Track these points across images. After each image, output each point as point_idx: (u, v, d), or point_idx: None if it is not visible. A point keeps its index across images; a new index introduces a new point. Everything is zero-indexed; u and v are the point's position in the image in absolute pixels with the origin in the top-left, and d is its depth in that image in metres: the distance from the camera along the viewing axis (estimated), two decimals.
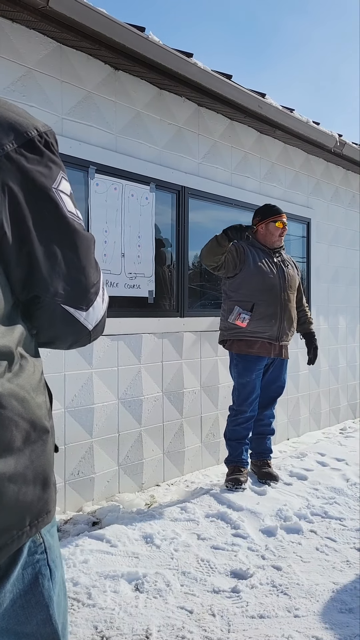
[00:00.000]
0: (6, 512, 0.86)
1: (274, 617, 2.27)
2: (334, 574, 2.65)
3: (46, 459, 0.95)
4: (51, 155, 0.94)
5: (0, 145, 0.86)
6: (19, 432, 0.88)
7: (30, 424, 0.91)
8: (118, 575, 2.51)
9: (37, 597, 0.96)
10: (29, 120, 0.93)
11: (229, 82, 3.88)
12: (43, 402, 0.96)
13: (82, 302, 0.99)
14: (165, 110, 3.96)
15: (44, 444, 0.94)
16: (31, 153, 0.90)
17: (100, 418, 3.52)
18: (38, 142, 0.91)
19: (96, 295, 1.01)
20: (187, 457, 4.19)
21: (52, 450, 0.98)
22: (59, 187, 0.94)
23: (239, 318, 3.58)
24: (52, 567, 0.99)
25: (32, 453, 0.91)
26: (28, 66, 3.08)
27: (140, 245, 3.77)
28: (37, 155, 0.91)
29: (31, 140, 0.90)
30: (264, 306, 3.60)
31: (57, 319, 0.98)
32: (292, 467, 4.10)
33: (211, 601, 2.38)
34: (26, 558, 0.94)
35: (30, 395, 0.91)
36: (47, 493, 0.94)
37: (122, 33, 3.11)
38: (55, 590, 1.00)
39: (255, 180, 4.87)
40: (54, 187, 0.93)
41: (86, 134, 3.40)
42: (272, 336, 3.65)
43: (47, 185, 0.92)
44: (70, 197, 0.97)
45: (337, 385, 6.14)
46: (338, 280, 6.13)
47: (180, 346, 4.11)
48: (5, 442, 0.85)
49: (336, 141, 5.16)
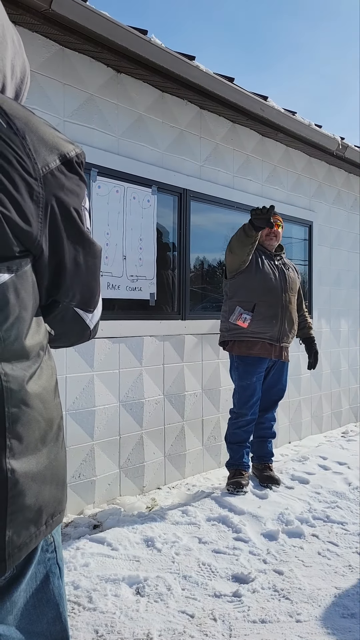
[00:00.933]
0: (27, 511, 0.88)
1: (275, 622, 2.26)
2: (336, 578, 2.64)
3: (61, 459, 0.98)
4: (83, 175, 1.00)
5: (46, 163, 0.91)
6: (40, 432, 0.91)
7: (49, 424, 0.94)
8: (119, 579, 2.50)
9: (48, 595, 0.98)
10: (67, 141, 0.98)
11: (231, 85, 3.89)
12: (59, 403, 1.00)
13: (91, 306, 1.07)
14: (168, 113, 3.96)
15: (60, 445, 0.98)
16: (70, 172, 0.95)
17: (101, 421, 3.51)
18: (75, 162, 0.97)
19: (99, 297, 1.09)
20: (189, 460, 4.17)
21: (64, 450, 1.01)
22: (84, 205, 1.01)
23: (240, 318, 3.58)
24: (60, 565, 1.02)
25: (49, 453, 0.94)
26: (30, 69, 3.07)
27: (141, 247, 3.77)
28: (74, 175, 0.97)
29: (70, 161, 0.95)
30: (265, 307, 3.61)
31: (68, 320, 1.05)
32: (293, 470, 4.08)
33: (212, 605, 2.37)
34: (39, 557, 0.97)
35: (50, 396, 0.95)
36: (61, 492, 0.97)
37: (124, 36, 3.11)
38: (64, 588, 1.03)
39: (257, 183, 4.87)
40: (83, 205, 1.00)
41: (88, 137, 3.41)
42: (273, 337, 3.64)
43: (79, 204, 0.98)
44: (89, 212, 1.05)
45: (339, 388, 6.13)
46: (340, 283, 6.12)
47: (181, 349, 4.10)
48: (31, 441, 0.89)
49: (338, 144, 5.16)
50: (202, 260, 4.51)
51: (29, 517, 0.88)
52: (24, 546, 0.88)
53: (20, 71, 1.03)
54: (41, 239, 0.91)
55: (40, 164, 0.89)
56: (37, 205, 0.89)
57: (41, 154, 0.90)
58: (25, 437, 0.88)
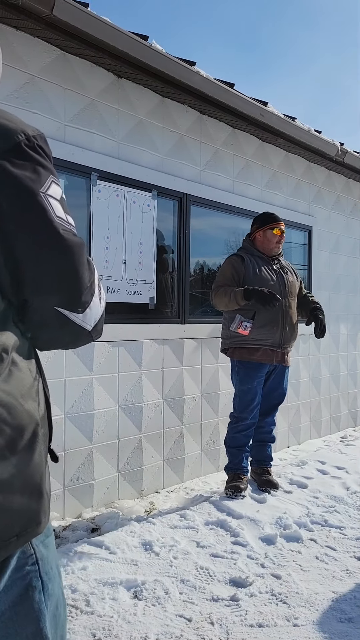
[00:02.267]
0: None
1: (273, 626, 2.26)
2: (334, 583, 2.64)
3: (36, 468, 0.92)
4: (40, 159, 0.93)
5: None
6: (3, 438, 0.86)
7: (17, 432, 0.88)
8: (117, 583, 2.50)
9: (26, 610, 0.93)
10: (18, 125, 0.92)
11: (231, 90, 3.91)
12: (35, 409, 0.93)
13: (77, 305, 0.98)
14: (168, 117, 3.98)
15: (33, 452, 0.91)
16: (18, 157, 0.90)
17: (100, 424, 3.51)
18: (25, 146, 0.91)
19: (92, 295, 1.01)
20: (187, 464, 4.18)
21: (43, 459, 0.95)
22: (47, 192, 0.93)
23: (241, 326, 3.58)
24: (44, 579, 0.95)
25: (19, 461, 0.88)
26: (31, 73, 3.10)
27: (141, 251, 3.78)
28: (25, 160, 0.91)
29: (18, 145, 0.90)
30: (266, 313, 3.60)
31: (51, 322, 0.97)
32: (292, 475, 4.08)
33: (210, 609, 2.37)
34: (14, 569, 0.92)
35: (18, 402, 0.89)
36: (37, 503, 0.92)
37: (125, 41, 3.13)
38: (48, 603, 0.96)
39: (257, 188, 4.89)
40: (42, 191, 0.92)
41: (89, 141, 3.42)
42: (274, 343, 3.65)
43: (35, 190, 0.91)
44: (60, 202, 0.96)
45: (337, 393, 6.13)
46: (339, 288, 6.13)
47: (181, 353, 4.11)
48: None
49: (338, 150, 5.18)
50: (202, 265, 4.53)
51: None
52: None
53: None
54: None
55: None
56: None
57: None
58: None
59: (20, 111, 3.03)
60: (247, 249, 3.79)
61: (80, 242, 0.98)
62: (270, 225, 3.74)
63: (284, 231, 3.78)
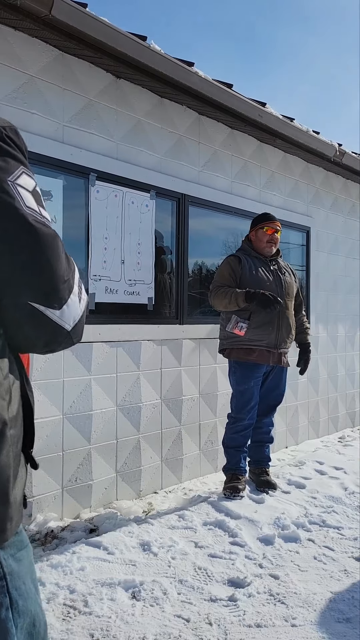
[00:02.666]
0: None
1: (271, 627, 2.26)
2: (332, 583, 2.64)
3: (0, 471, 0.87)
4: (10, 150, 0.93)
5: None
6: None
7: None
8: (115, 583, 2.50)
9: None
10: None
11: (229, 91, 3.91)
12: (2, 408, 0.90)
13: (53, 300, 0.93)
14: (166, 118, 3.98)
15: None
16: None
17: (98, 425, 3.51)
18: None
19: (70, 292, 0.95)
20: (185, 465, 4.18)
21: (11, 462, 0.90)
22: (16, 181, 0.91)
23: (237, 327, 3.58)
24: (13, 595, 0.91)
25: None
26: (30, 74, 3.10)
27: (140, 252, 3.78)
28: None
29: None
30: (262, 314, 3.60)
31: (26, 318, 0.92)
32: (290, 475, 4.08)
33: (208, 610, 2.37)
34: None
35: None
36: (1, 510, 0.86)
37: (123, 42, 3.13)
38: (19, 621, 0.91)
39: (255, 189, 4.89)
40: (9, 179, 0.90)
41: (87, 142, 3.42)
42: (270, 344, 3.64)
43: (2, 178, 0.89)
44: (32, 194, 0.93)
45: (335, 393, 6.14)
46: (337, 288, 6.14)
47: (179, 353, 4.11)
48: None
49: (336, 150, 5.19)
50: (200, 265, 4.53)
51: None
52: None
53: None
54: None
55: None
56: None
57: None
58: None
59: (18, 111, 3.03)
60: (245, 250, 3.80)
61: (52, 234, 0.93)
62: (261, 225, 3.74)
63: (277, 230, 3.76)
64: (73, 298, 0.96)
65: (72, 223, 3.38)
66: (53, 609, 2.29)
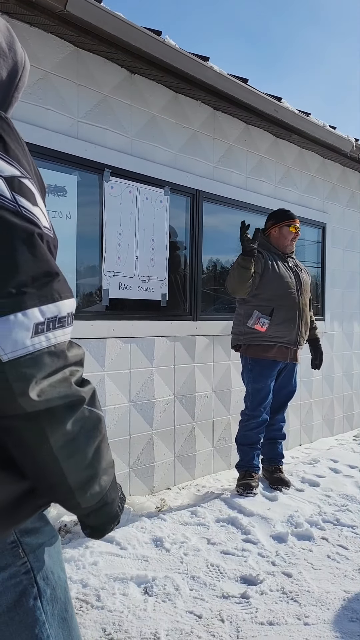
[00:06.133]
0: None
1: (283, 625, 2.25)
2: (345, 582, 2.62)
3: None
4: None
5: None
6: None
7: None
8: (127, 578, 2.51)
9: (20, 616, 0.92)
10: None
11: (245, 85, 3.88)
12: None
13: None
14: (181, 113, 3.97)
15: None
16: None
17: (112, 420, 3.52)
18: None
19: (16, 308, 0.76)
20: (199, 461, 4.17)
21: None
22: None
23: (259, 322, 3.57)
24: (41, 585, 0.94)
25: None
26: (45, 69, 3.10)
27: (154, 248, 3.78)
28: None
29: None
30: (284, 311, 3.59)
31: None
32: (304, 473, 4.06)
33: (220, 606, 2.36)
34: (8, 576, 0.91)
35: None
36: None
37: (138, 37, 3.12)
38: (48, 608, 0.95)
39: (270, 185, 4.85)
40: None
41: (102, 137, 3.42)
42: (290, 341, 3.64)
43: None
44: (4, 178, 0.80)
45: (350, 391, 6.08)
46: (353, 285, 6.08)
47: (192, 350, 4.10)
48: None
49: (353, 145, 5.12)
50: (214, 262, 4.51)
51: None
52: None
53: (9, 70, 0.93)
54: None
55: None
56: None
57: None
58: None
59: (34, 107, 3.04)
60: (263, 245, 3.77)
61: (26, 227, 0.79)
62: (287, 222, 3.73)
63: (299, 228, 3.78)
64: (19, 318, 0.75)
65: (86, 219, 3.39)
66: None
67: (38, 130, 3.03)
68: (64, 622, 0.98)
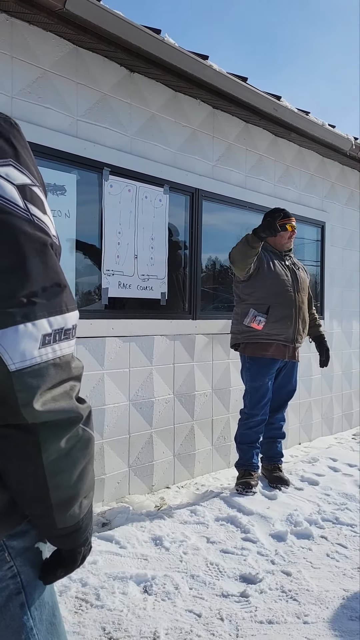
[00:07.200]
0: None
1: (282, 623, 2.25)
2: (345, 580, 2.62)
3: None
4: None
5: None
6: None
7: None
8: (127, 577, 2.51)
9: (7, 622, 0.90)
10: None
11: (244, 84, 3.87)
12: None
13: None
14: (180, 112, 3.96)
15: None
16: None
17: (111, 419, 3.52)
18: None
19: (26, 318, 0.75)
20: (198, 460, 4.17)
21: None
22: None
23: (255, 320, 3.57)
24: (28, 590, 0.91)
25: None
26: (44, 68, 3.10)
27: (153, 247, 3.77)
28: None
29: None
30: (280, 308, 3.60)
31: None
32: (303, 472, 4.07)
33: (220, 605, 2.37)
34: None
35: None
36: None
37: (138, 35, 3.12)
38: (36, 614, 0.92)
39: (269, 183, 4.85)
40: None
41: (101, 136, 3.42)
42: (287, 338, 3.64)
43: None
44: (17, 187, 0.80)
45: (350, 390, 6.09)
46: (352, 284, 6.08)
47: (192, 348, 4.10)
48: None
49: (352, 144, 5.12)
50: (213, 260, 4.51)
51: None
52: None
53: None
54: None
55: None
56: None
57: None
58: None
59: (33, 106, 3.04)
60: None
61: (39, 237, 0.79)
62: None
63: (295, 227, 3.78)
64: (29, 328, 0.75)
65: (86, 218, 3.38)
66: (65, 602, 2.30)
67: (37, 129, 3.03)
68: (52, 627, 0.95)
